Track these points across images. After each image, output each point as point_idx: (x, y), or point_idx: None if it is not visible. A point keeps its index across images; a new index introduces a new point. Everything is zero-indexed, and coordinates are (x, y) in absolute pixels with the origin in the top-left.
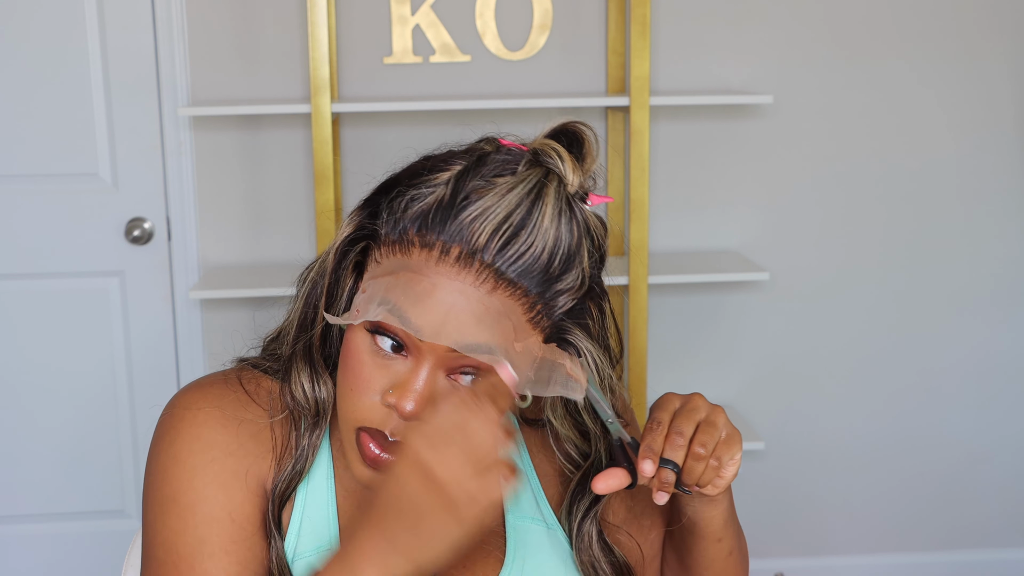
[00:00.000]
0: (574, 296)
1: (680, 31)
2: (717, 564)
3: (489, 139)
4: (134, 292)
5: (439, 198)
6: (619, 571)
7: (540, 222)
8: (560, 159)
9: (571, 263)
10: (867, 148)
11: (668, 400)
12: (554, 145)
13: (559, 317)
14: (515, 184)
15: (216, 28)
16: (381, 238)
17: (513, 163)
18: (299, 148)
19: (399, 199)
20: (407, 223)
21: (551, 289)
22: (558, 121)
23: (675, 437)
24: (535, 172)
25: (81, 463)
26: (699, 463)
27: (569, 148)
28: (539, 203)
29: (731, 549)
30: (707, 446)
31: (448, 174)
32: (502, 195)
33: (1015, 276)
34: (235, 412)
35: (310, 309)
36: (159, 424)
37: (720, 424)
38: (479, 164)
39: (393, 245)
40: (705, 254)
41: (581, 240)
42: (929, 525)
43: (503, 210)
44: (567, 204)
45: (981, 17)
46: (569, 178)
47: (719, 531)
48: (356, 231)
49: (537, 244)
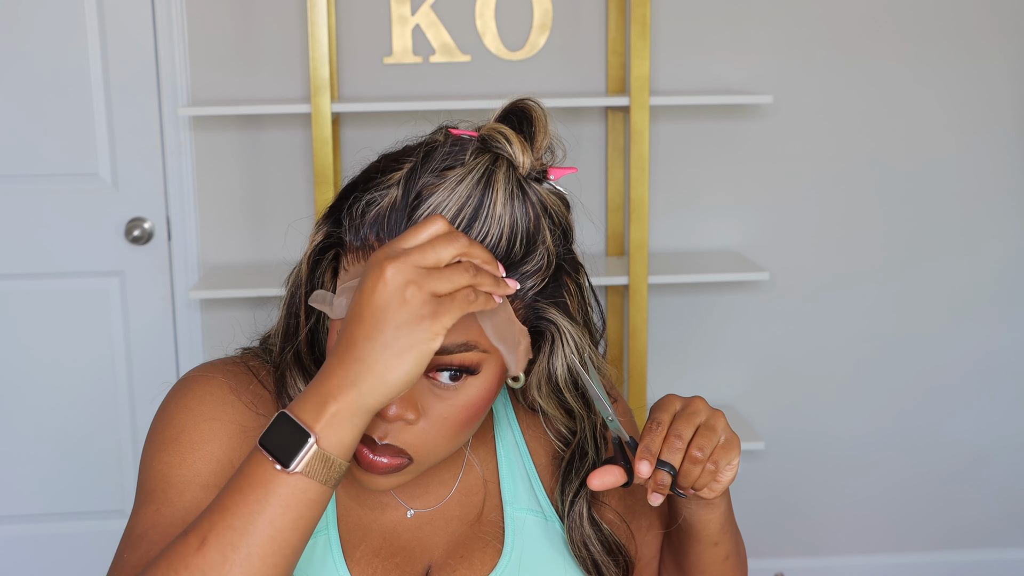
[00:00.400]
0: (543, 276)
1: (680, 31)
2: (713, 568)
3: (441, 129)
4: (134, 292)
5: (392, 200)
6: (609, 548)
7: (492, 210)
8: (508, 142)
9: (533, 245)
10: (867, 148)
11: (669, 402)
12: (501, 128)
13: (532, 299)
14: (464, 175)
15: (216, 28)
16: (347, 245)
17: (461, 153)
18: (299, 148)
19: (356, 205)
20: (366, 229)
21: (516, 273)
22: (506, 101)
23: (673, 439)
24: (483, 159)
25: (81, 463)
26: (696, 467)
27: (520, 127)
28: (489, 190)
29: (728, 554)
30: (704, 450)
31: (399, 174)
32: (452, 188)
33: (1015, 276)
34: (247, 386)
35: (292, 318)
36: (168, 393)
37: (719, 429)
38: (427, 159)
39: (357, 252)
40: (705, 254)
41: (539, 220)
42: (929, 525)
43: (455, 203)
44: (519, 187)
45: (981, 17)
46: (519, 160)
47: (716, 535)
48: (324, 239)
49: (493, 232)
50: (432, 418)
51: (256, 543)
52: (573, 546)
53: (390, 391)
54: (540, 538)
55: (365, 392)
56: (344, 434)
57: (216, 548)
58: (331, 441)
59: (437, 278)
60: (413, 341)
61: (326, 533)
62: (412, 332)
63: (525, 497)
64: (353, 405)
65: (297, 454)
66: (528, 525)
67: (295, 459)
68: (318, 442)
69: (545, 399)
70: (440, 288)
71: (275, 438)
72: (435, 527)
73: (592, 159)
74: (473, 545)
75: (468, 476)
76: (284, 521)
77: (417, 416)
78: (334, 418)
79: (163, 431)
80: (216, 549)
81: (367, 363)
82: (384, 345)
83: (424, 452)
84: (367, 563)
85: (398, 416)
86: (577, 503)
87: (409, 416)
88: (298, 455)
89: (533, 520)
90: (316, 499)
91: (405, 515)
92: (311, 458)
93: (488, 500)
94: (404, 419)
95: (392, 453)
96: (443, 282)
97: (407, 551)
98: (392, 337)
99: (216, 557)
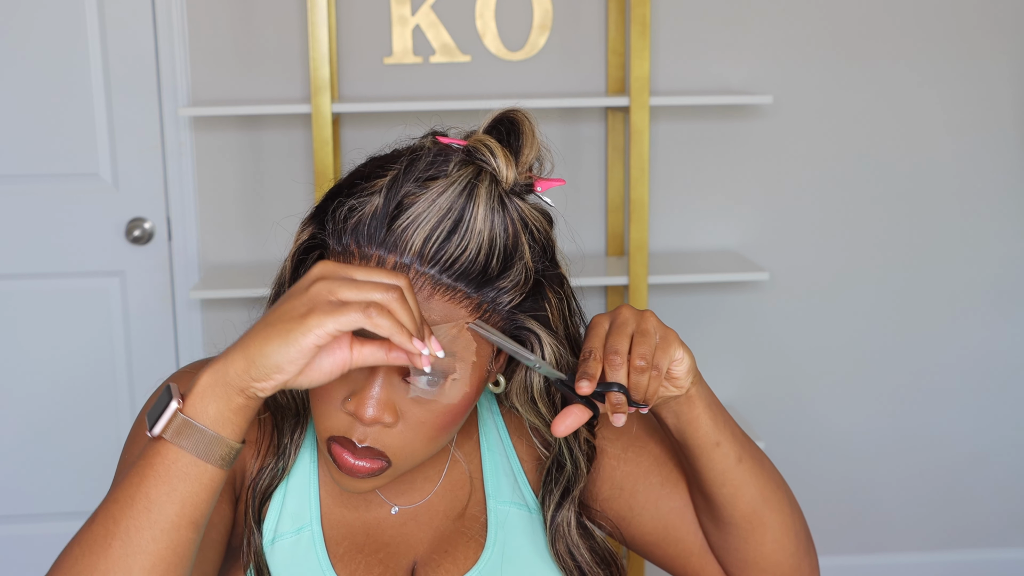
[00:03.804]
0: (520, 291)
1: (680, 31)
2: (730, 474)
3: (430, 134)
4: (134, 292)
5: (374, 208)
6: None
7: (472, 225)
8: (492, 155)
9: (510, 261)
10: (867, 148)
11: (597, 324)
12: (487, 141)
13: (510, 312)
14: (446, 187)
15: (216, 28)
16: (329, 248)
17: (445, 163)
18: (299, 148)
19: (340, 209)
20: (347, 236)
21: (492, 288)
22: (497, 111)
23: (612, 357)
24: (466, 172)
25: (80, 463)
26: (642, 376)
27: (508, 139)
28: (470, 205)
29: (739, 455)
30: (646, 357)
31: (382, 181)
32: (432, 199)
33: (1015, 276)
34: None
35: None
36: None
37: (651, 330)
38: (411, 168)
39: (338, 256)
40: (705, 254)
41: (518, 236)
42: (929, 525)
43: (434, 216)
44: (500, 202)
45: (981, 17)
46: (503, 174)
47: (711, 433)
48: (309, 239)
49: (471, 247)
50: (411, 422)
51: (134, 515)
52: (557, 557)
53: (251, 370)
54: (524, 531)
55: (230, 365)
56: (208, 404)
57: (101, 523)
58: (195, 409)
59: (349, 285)
60: (290, 328)
61: (310, 530)
62: (293, 321)
63: (508, 490)
64: (217, 376)
65: (160, 418)
66: (511, 518)
67: (157, 423)
68: (182, 409)
69: (524, 407)
70: (346, 294)
71: (154, 407)
72: (420, 523)
73: (592, 159)
74: (457, 540)
75: (453, 471)
76: (159, 493)
77: (395, 419)
78: (201, 388)
79: (140, 426)
80: (101, 524)
81: (245, 339)
82: (266, 324)
83: (403, 455)
84: (351, 560)
85: (375, 419)
86: (561, 512)
87: (387, 419)
88: (160, 419)
89: (516, 513)
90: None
91: (389, 512)
92: (174, 424)
93: (474, 495)
94: (382, 422)
95: (372, 456)
96: (352, 290)
97: (391, 547)
98: (276, 318)
99: (100, 531)
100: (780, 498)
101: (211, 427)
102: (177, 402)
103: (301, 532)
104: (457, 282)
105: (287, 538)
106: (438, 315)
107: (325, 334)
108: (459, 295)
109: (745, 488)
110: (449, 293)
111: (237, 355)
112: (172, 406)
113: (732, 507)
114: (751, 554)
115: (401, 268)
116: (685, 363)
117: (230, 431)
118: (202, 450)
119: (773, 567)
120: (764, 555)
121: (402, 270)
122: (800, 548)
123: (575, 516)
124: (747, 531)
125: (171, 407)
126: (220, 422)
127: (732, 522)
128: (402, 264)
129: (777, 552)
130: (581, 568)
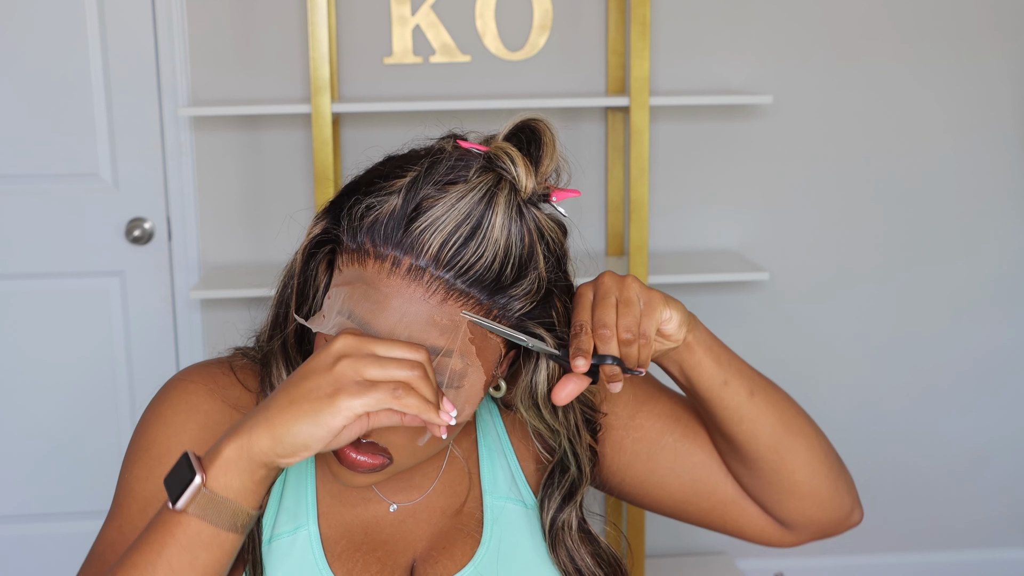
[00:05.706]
0: (532, 299)
1: (680, 31)
2: (745, 410)
3: (450, 137)
4: (134, 292)
5: (392, 208)
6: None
7: (490, 232)
8: (513, 163)
9: (524, 270)
10: (867, 148)
11: (582, 296)
12: (508, 149)
13: (519, 319)
14: (465, 192)
15: (216, 28)
16: (343, 245)
17: (465, 169)
18: (299, 148)
19: (356, 207)
20: (363, 234)
21: (505, 295)
22: (518, 117)
23: (601, 331)
24: (486, 179)
25: (80, 463)
26: (631, 347)
27: (528, 147)
28: (489, 212)
29: (749, 390)
30: (632, 329)
31: (402, 182)
32: (452, 204)
33: (1015, 276)
34: (225, 392)
35: (282, 308)
36: (151, 399)
37: (634, 297)
38: (431, 170)
39: (352, 254)
40: (705, 254)
41: (534, 246)
42: (929, 525)
43: (452, 221)
44: (518, 212)
45: (981, 17)
46: (523, 183)
47: (717, 374)
48: (322, 234)
49: (487, 254)
50: None
51: None
52: (557, 561)
53: (277, 447)
54: (520, 526)
55: (255, 441)
56: (232, 478)
57: None
58: (219, 483)
59: (373, 362)
60: (317, 408)
61: (307, 529)
62: (320, 401)
63: (505, 487)
64: (242, 451)
65: (183, 493)
66: (507, 513)
67: (181, 498)
68: (205, 483)
69: (527, 411)
70: (372, 373)
71: (173, 476)
72: (418, 520)
73: (592, 159)
74: (454, 536)
75: (451, 469)
76: (181, 563)
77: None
78: (225, 461)
79: (137, 441)
80: None
81: (269, 414)
82: (290, 402)
83: (405, 453)
84: (348, 558)
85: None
86: (561, 516)
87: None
88: (184, 494)
89: (513, 508)
90: (211, 542)
91: (387, 509)
92: (198, 499)
93: (472, 491)
94: None
95: (374, 452)
96: (377, 368)
97: (390, 545)
98: (301, 397)
99: None
100: (801, 423)
101: (235, 499)
102: (200, 477)
103: (298, 531)
104: (471, 288)
105: (284, 537)
106: (449, 320)
107: (353, 415)
108: (471, 301)
109: (763, 420)
110: (462, 299)
111: (262, 432)
112: (196, 481)
113: (756, 441)
114: (786, 484)
115: (416, 270)
116: (674, 320)
117: (252, 501)
118: (225, 521)
119: (811, 493)
120: (799, 482)
121: (416, 273)
122: (833, 469)
123: (576, 520)
124: (776, 462)
125: (195, 482)
126: (243, 494)
127: (759, 456)
128: (417, 267)
129: (812, 477)
130: (581, 572)
